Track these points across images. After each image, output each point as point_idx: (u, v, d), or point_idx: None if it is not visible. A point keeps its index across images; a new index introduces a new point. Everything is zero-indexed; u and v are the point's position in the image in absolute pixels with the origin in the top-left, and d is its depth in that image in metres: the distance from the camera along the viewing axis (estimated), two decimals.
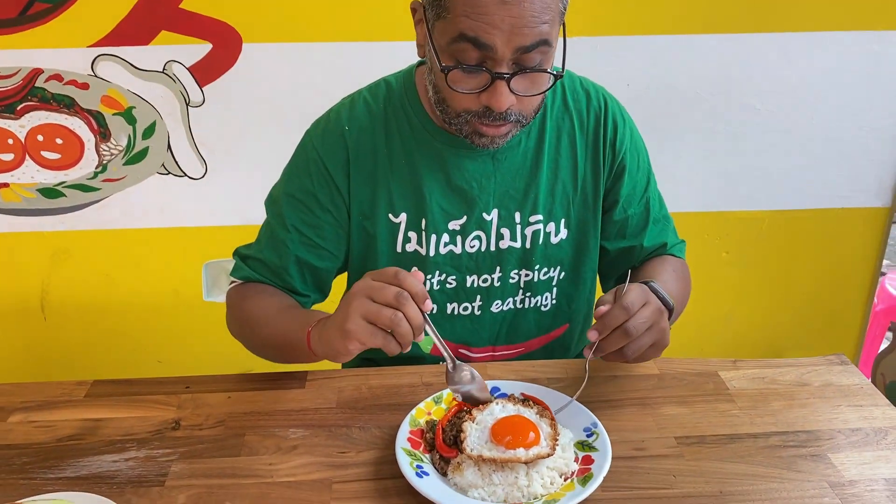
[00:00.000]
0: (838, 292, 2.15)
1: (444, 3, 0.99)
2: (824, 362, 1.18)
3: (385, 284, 0.94)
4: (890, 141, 1.97)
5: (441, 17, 1.00)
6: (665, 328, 1.03)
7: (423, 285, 0.95)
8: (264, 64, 1.82)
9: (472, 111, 1.05)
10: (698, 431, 1.03)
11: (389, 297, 0.93)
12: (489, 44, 0.97)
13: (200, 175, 1.92)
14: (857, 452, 0.99)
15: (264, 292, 1.24)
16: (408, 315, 0.93)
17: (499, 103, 1.02)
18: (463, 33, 0.98)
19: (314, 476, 0.96)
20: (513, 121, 1.07)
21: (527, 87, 1.04)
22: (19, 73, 1.79)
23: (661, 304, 1.05)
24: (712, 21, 1.84)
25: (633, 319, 0.98)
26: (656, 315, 1.01)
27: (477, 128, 1.08)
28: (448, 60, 1.02)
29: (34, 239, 1.96)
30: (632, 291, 1.00)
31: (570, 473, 0.93)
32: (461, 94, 1.04)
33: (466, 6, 0.97)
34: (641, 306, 0.99)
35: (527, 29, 0.97)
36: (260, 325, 1.19)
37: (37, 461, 1.00)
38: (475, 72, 1.01)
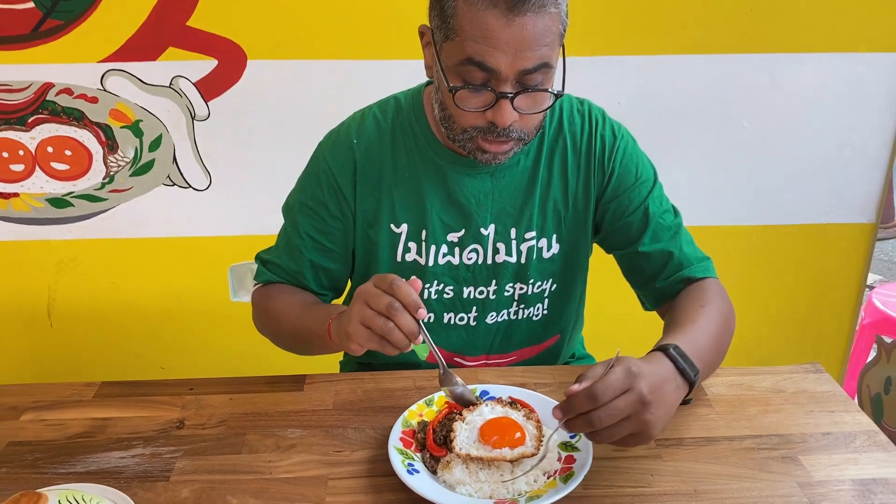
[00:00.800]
0: (825, 306, 2.19)
1: (452, 27, 1.05)
2: (800, 370, 1.24)
3: (381, 292, 0.99)
4: (873, 159, 2.02)
5: (449, 40, 1.06)
6: (649, 421, 0.91)
7: (416, 295, 0.98)
8: (267, 80, 1.87)
9: (477, 127, 1.11)
10: (677, 434, 1.08)
11: (382, 307, 0.98)
12: (494, 67, 1.03)
13: (205, 187, 1.97)
14: (826, 455, 1.04)
15: (286, 291, 1.32)
16: (399, 324, 0.97)
17: (503, 119, 1.08)
18: (470, 57, 1.04)
19: (311, 473, 1.02)
20: (515, 138, 1.12)
21: (529, 105, 1.09)
22: (31, 86, 1.85)
23: (673, 379, 0.97)
24: (702, 42, 1.90)
25: (599, 410, 0.89)
26: (636, 406, 0.90)
27: (480, 144, 1.13)
28: (455, 80, 1.08)
29: (42, 247, 2.01)
30: (612, 375, 0.90)
31: (554, 472, 0.98)
32: (467, 112, 1.10)
33: (473, 31, 1.03)
34: (618, 395, 0.89)
35: (529, 52, 1.03)
36: (286, 321, 1.27)
37: (48, 457, 1.05)
38: (481, 91, 1.07)
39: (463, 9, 1.03)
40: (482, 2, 1.01)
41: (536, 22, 1.01)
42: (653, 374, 0.94)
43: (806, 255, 2.13)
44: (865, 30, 1.89)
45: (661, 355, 1.00)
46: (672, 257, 1.27)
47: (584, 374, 0.93)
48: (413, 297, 0.98)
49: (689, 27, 1.89)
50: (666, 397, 0.95)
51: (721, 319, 1.17)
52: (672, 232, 1.29)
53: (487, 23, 1.01)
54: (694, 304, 1.18)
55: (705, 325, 1.12)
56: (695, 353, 1.02)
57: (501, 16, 1.00)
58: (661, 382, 0.94)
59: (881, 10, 1.87)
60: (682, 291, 1.25)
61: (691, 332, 1.08)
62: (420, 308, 0.98)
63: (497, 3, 1.00)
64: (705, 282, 1.25)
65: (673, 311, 1.21)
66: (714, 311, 1.17)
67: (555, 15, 1.03)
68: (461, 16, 1.03)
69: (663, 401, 0.94)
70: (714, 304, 1.18)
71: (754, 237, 2.10)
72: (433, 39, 1.11)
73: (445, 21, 1.05)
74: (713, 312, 1.16)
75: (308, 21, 1.82)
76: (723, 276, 2.11)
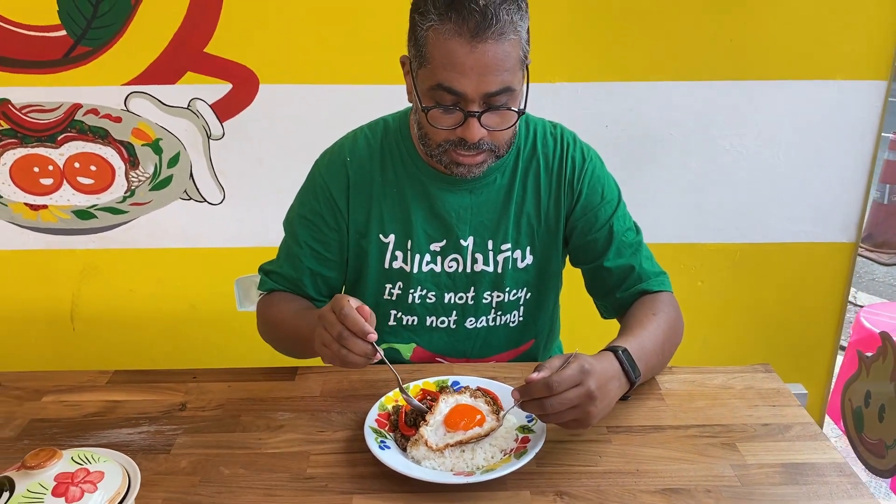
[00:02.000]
0: (808, 322, 2.25)
1: (425, 55, 1.18)
2: (750, 370, 1.34)
3: (334, 320, 1.10)
4: (852, 181, 2.10)
5: (423, 66, 1.19)
6: (591, 412, 1.04)
7: (363, 322, 1.07)
8: (278, 103, 2.00)
9: (449, 141, 1.23)
10: (627, 423, 1.19)
11: (333, 335, 1.10)
12: (461, 91, 1.16)
13: (219, 201, 2.10)
14: (761, 443, 1.14)
15: (284, 300, 1.43)
16: (352, 350, 1.09)
17: (471, 136, 1.20)
18: (440, 83, 1.16)
19: (295, 449, 1.14)
20: (486, 150, 1.24)
21: (497, 122, 1.21)
22: (61, 107, 2.00)
23: (617, 378, 1.11)
24: (685, 70, 2.00)
25: (552, 399, 1.02)
26: (583, 398, 1.03)
27: (454, 157, 1.25)
28: (428, 102, 1.21)
29: (67, 256, 2.15)
30: (568, 369, 1.04)
31: (509, 450, 1.10)
32: (440, 129, 1.22)
33: (441, 58, 1.15)
34: (570, 388, 1.03)
35: (491, 77, 1.15)
36: (282, 327, 1.39)
37: (65, 432, 1.19)
38: (451, 111, 1.19)
39: (433, 38, 1.15)
40: (448, 31, 1.13)
41: (497, 49, 1.13)
42: (602, 371, 1.08)
43: (789, 273, 2.20)
44: (841, 59, 1.99)
45: (611, 356, 1.14)
46: (633, 271, 1.38)
47: (542, 364, 1.07)
48: (360, 325, 1.07)
49: (672, 55, 1.99)
50: (609, 393, 1.09)
51: (668, 328, 1.29)
52: (633, 248, 1.40)
53: (453, 50, 1.13)
54: (647, 312, 1.30)
55: (653, 332, 1.25)
56: (640, 356, 1.17)
57: (466, 43, 1.12)
58: (607, 380, 1.09)
59: (855, 41, 1.96)
60: (638, 300, 1.36)
61: (640, 336, 1.22)
62: (369, 334, 1.08)
63: (461, 32, 1.12)
64: (660, 294, 1.37)
65: (627, 316, 1.33)
66: (663, 319, 1.29)
67: (515, 42, 1.15)
68: (431, 44, 1.16)
69: (606, 396, 1.08)
70: (664, 313, 1.31)
71: (738, 255, 2.19)
72: (410, 67, 1.24)
73: (419, 50, 1.18)
74: (662, 321, 1.28)
75: (315, 49, 1.96)
76: (707, 292, 2.23)
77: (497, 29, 1.12)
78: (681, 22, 1.96)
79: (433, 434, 1.11)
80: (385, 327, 1.45)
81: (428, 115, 1.21)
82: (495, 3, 1.12)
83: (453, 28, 1.13)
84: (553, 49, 1.96)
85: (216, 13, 1.91)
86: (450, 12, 1.13)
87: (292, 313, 1.37)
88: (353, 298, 1.11)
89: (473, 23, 1.11)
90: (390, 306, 1.43)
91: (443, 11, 1.14)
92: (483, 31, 1.12)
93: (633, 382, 1.14)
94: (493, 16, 1.11)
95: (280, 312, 1.40)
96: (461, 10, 1.12)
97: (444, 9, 1.13)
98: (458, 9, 1.12)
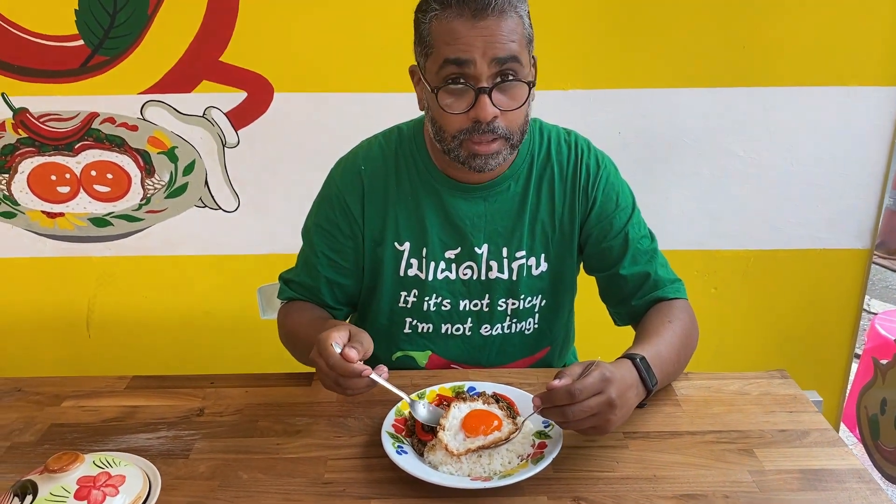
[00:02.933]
0: (823, 329, 2.25)
1: (430, 43, 1.20)
2: (766, 376, 1.34)
3: (325, 370, 1.11)
4: (866, 187, 2.10)
5: (428, 56, 1.21)
6: (611, 420, 1.05)
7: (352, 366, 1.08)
8: (293, 111, 2.02)
9: (464, 129, 1.23)
10: (644, 429, 1.19)
11: (331, 385, 1.13)
12: (468, 58, 1.17)
13: (233, 208, 2.12)
14: (778, 449, 1.14)
15: (301, 309, 1.44)
16: (351, 388, 1.12)
17: (484, 113, 1.19)
18: (446, 58, 1.18)
19: (313, 454, 1.15)
20: (501, 135, 1.23)
21: (507, 101, 1.21)
22: (78, 116, 2.02)
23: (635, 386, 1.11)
24: (697, 76, 2.01)
25: (574, 406, 1.02)
26: (603, 407, 1.04)
27: (470, 148, 1.24)
28: (438, 82, 1.21)
29: (83, 263, 2.18)
30: (589, 377, 1.04)
31: (527, 455, 1.10)
32: (454, 116, 1.22)
33: (445, 36, 1.17)
34: (591, 395, 1.03)
35: (498, 44, 1.17)
36: (295, 338, 1.40)
37: (85, 437, 1.20)
38: (462, 93, 1.20)
39: (435, 25, 1.18)
40: (450, 15, 1.16)
41: (500, 22, 1.16)
42: (622, 380, 1.08)
43: (803, 279, 2.20)
44: (854, 65, 1.99)
45: (629, 363, 1.14)
46: (648, 279, 1.38)
47: (563, 371, 1.07)
48: (350, 370, 1.09)
49: (685, 62, 2.00)
50: (628, 401, 1.10)
51: (684, 335, 1.29)
52: (649, 256, 1.40)
53: (456, 28, 1.16)
54: (662, 319, 1.31)
55: (669, 339, 1.25)
56: (657, 364, 1.17)
57: (467, 21, 1.15)
58: (626, 388, 1.09)
59: (868, 47, 1.97)
60: (653, 307, 1.36)
61: (657, 344, 1.22)
62: (363, 371, 1.09)
63: (462, 13, 1.15)
64: (675, 301, 1.37)
65: (643, 323, 1.33)
66: (679, 327, 1.29)
67: (516, 20, 1.18)
68: (434, 31, 1.18)
69: (625, 404, 1.09)
70: (680, 320, 1.31)
71: (751, 261, 2.19)
72: (419, 67, 1.26)
73: (424, 44, 1.21)
74: (678, 328, 1.29)
75: (329, 58, 1.98)
76: (721, 298, 2.22)
77: (497, 7, 1.15)
78: (693, 29, 1.97)
79: (452, 439, 1.11)
80: (400, 335, 1.46)
81: (439, 98, 1.21)
82: None
83: (455, 11, 1.16)
84: (566, 56, 1.97)
85: (232, 22, 1.93)
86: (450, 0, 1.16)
87: (305, 325, 1.38)
88: (339, 333, 1.12)
89: (473, 4, 1.15)
90: (405, 314, 1.44)
91: (442, 1, 1.17)
92: (483, 9, 1.15)
93: (649, 390, 1.14)
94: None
95: (295, 323, 1.41)
96: None
97: None
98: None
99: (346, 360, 1.09)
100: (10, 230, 2.14)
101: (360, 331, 1.17)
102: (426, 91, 1.25)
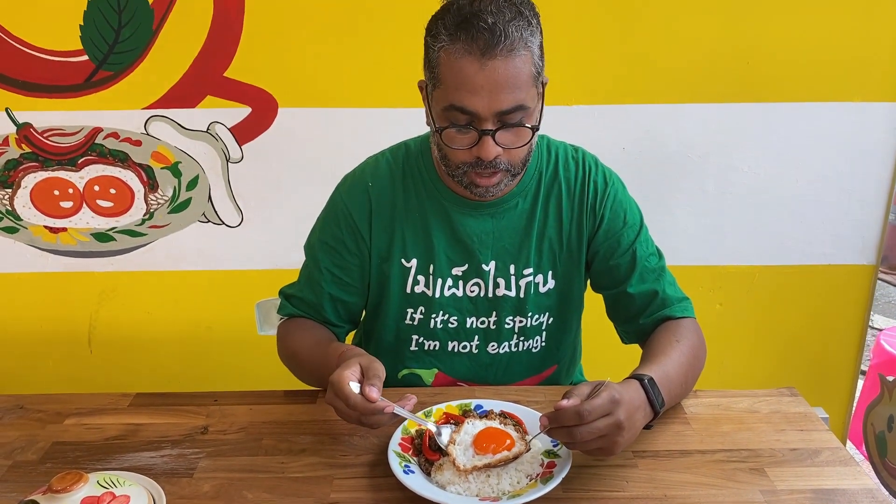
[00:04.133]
0: (829, 345, 2.24)
1: (438, 76, 1.19)
2: (776, 393, 1.33)
3: (346, 411, 1.10)
4: (871, 203, 2.10)
5: (436, 87, 1.20)
6: (618, 442, 1.04)
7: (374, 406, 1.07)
8: (297, 126, 2.02)
9: (467, 163, 1.23)
10: (654, 447, 1.18)
11: (353, 422, 1.11)
12: (473, 110, 1.16)
13: (237, 224, 2.11)
14: (790, 468, 1.13)
15: (303, 327, 1.43)
16: (375, 424, 1.11)
17: (487, 154, 1.20)
18: (452, 104, 1.17)
19: (319, 473, 1.13)
20: (503, 169, 1.24)
21: (511, 140, 1.21)
22: (82, 130, 2.02)
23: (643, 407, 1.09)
24: (701, 92, 2.01)
25: (582, 427, 1.01)
26: (611, 428, 1.03)
27: (472, 179, 1.25)
28: (443, 122, 1.21)
29: (85, 278, 2.16)
30: (598, 398, 1.02)
31: (536, 475, 1.08)
32: (457, 150, 1.22)
33: (454, 79, 1.16)
34: (600, 416, 1.02)
35: (503, 95, 1.15)
36: (298, 358, 1.39)
37: (87, 455, 1.18)
38: (466, 131, 1.20)
39: (444, 59, 1.16)
40: (459, 50, 1.14)
41: (508, 65, 1.14)
42: (630, 401, 1.07)
43: (808, 295, 2.19)
44: (859, 81, 1.99)
45: (637, 384, 1.12)
46: (656, 297, 1.37)
47: (571, 390, 1.06)
48: (372, 409, 1.08)
49: (689, 78, 2.00)
50: (636, 423, 1.09)
51: (691, 355, 1.28)
52: (657, 274, 1.39)
53: (464, 69, 1.14)
54: (670, 338, 1.29)
55: (677, 360, 1.24)
56: (664, 384, 1.16)
57: (476, 61, 1.13)
58: (634, 410, 1.08)
59: (873, 63, 1.97)
60: (661, 326, 1.35)
61: (664, 364, 1.21)
62: (385, 408, 1.08)
63: (471, 51, 1.13)
64: (683, 320, 1.35)
65: (650, 343, 1.32)
66: (687, 346, 1.28)
67: (525, 57, 1.15)
68: (443, 66, 1.17)
69: (633, 426, 1.07)
70: (688, 340, 1.29)
71: (757, 277, 2.18)
72: (426, 91, 1.25)
73: (432, 71, 1.20)
74: (686, 348, 1.27)
75: (333, 73, 1.97)
76: (726, 314, 2.21)
77: (507, 45, 1.13)
78: (697, 44, 1.97)
79: (462, 454, 1.10)
80: (407, 352, 1.45)
81: (443, 136, 1.21)
82: (504, 20, 1.13)
83: (463, 47, 1.14)
84: (570, 72, 1.97)
85: (236, 38, 1.93)
86: (459, 32, 1.14)
87: (309, 345, 1.37)
88: (351, 371, 1.11)
89: (483, 41, 1.12)
90: (412, 331, 1.43)
91: (453, 31, 1.15)
92: (492, 48, 1.12)
93: (657, 412, 1.13)
94: (501, 32, 1.12)
95: (297, 342, 1.40)
96: (470, 29, 1.13)
97: (453, 29, 1.15)
98: (466, 28, 1.13)
99: (368, 399, 1.08)
100: (13, 245, 2.13)
101: (371, 360, 1.16)
102: (430, 116, 1.25)
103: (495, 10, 1.14)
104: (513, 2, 1.16)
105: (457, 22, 1.15)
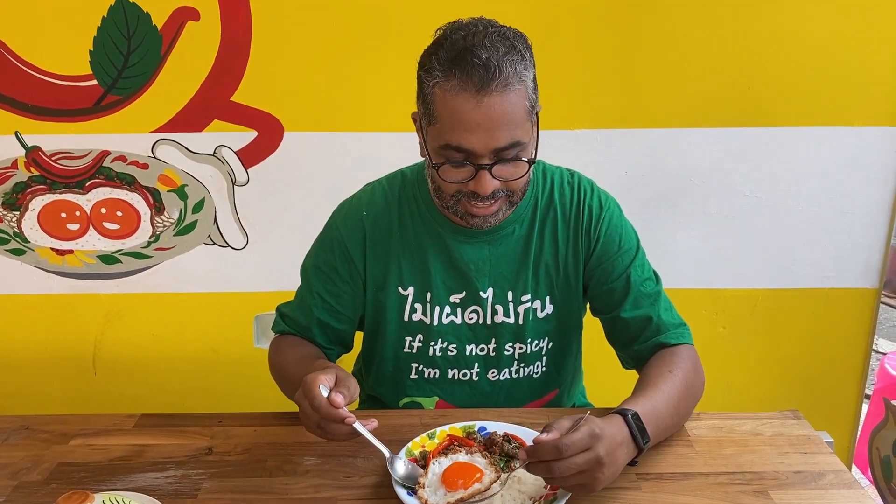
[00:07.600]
0: (832, 368, 2.23)
1: (433, 113, 1.19)
2: (779, 416, 1.33)
3: (309, 412, 1.10)
4: (873, 226, 2.10)
5: (431, 124, 1.20)
6: (598, 478, 1.02)
7: (337, 412, 1.07)
8: (303, 150, 2.04)
9: (462, 192, 1.24)
10: (658, 469, 1.18)
11: (312, 427, 1.11)
12: (469, 149, 1.16)
13: (242, 246, 2.13)
14: (794, 490, 1.12)
15: (293, 344, 1.43)
16: (333, 434, 1.10)
17: (483, 189, 1.20)
18: (448, 143, 1.17)
19: (323, 494, 1.13)
20: (501, 197, 1.24)
21: (509, 173, 1.21)
22: (90, 154, 2.04)
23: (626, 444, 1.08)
24: (703, 116, 2.03)
25: (560, 462, 1.00)
26: (591, 464, 1.01)
27: (468, 209, 1.25)
28: (438, 159, 1.21)
29: (91, 300, 2.18)
30: (578, 433, 1.01)
31: (540, 497, 1.08)
32: (454, 184, 1.23)
33: (450, 118, 1.16)
34: (579, 451, 1.00)
35: (499, 132, 1.15)
36: (283, 373, 1.39)
37: (92, 475, 1.19)
38: (462, 166, 1.20)
39: (439, 95, 1.16)
40: (453, 87, 1.14)
41: (503, 101, 1.13)
42: (611, 437, 1.05)
43: (811, 318, 2.19)
44: (859, 105, 2.01)
45: (621, 420, 1.10)
46: (650, 323, 1.35)
47: (551, 424, 1.05)
48: (334, 415, 1.08)
49: (691, 102, 2.02)
50: (617, 459, 1.07)
51: (684, 387, 1.25)
52: (651, 299, 1.37)
53: (459, 107, 1.14)
54: (662, 368, 1.27)
55: (667, 392, 1.21)
56: (651, 419, 1.14)
57: (471, 98, 1.13)
58: (615, 447, 1.06)
59: (873, 87, 1.99)
60: (655, 354, 1.33)
61: (653, 398, 1.19)
62: (346, 419, 1.08)
63: (466, 87, 1.13)
64: (678, 348, 1.33)
65: (643, 373, 1.30)
66: (680, 378, 1.25)
67: (520, 92, 1.15)
68: (438, 102, 1.17)
69: (614, 462, 1.06)
70: (681, 370, 1.27)
71: (759, 300, 2.18)
72: (420, 124, 1.25)
73: (427, 108, 1.20)
74: (678, 379, 1.25)
75: (338, 98, 2.00)
76: (729, 338, 2.21)
77: (501, 81, 1.13)
78: (699, 69, 1.99)
79: (433, 495, 1.09)
80: (407, 380, 1.45)
81: (440, 172, 1.22)
82: (498, 55, 1.13)
83: (457, 84, 1.13)
84: (572, 96, 1.99)
85: (243, 63, 1.96)
86: (454, 68, 1.14)
87: (295, 362, 1.36)
88: (326, 376, 1.11)
89: (477, 77, 1.12)
90: (411, 359, 1.43)
91: (447, 68, 1.15)
92: (487, 84, 1.12)
93: (640, 449, 1.11)
94: (496, 68, 1.12)
95: (285, 358, 1.40)
96: (464, 65, 1.13)
97: (447, 65, 1.15)
98: (461, 64, 1.13)
99: (333, 404, 1.08)
100: (20, 267, 2.15)
101: (347, 375, 1.17)
102: (426, 150, 1.25)
103: (489, 44, 1.13)
104: (506, 36, 1.16)
105: (451, 57, 1.14)
